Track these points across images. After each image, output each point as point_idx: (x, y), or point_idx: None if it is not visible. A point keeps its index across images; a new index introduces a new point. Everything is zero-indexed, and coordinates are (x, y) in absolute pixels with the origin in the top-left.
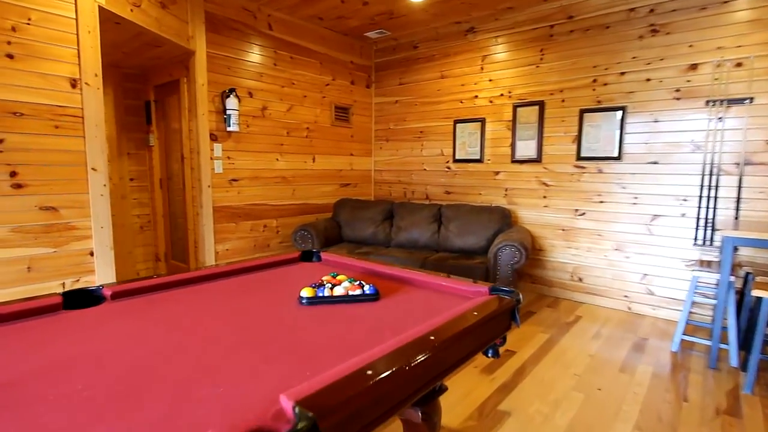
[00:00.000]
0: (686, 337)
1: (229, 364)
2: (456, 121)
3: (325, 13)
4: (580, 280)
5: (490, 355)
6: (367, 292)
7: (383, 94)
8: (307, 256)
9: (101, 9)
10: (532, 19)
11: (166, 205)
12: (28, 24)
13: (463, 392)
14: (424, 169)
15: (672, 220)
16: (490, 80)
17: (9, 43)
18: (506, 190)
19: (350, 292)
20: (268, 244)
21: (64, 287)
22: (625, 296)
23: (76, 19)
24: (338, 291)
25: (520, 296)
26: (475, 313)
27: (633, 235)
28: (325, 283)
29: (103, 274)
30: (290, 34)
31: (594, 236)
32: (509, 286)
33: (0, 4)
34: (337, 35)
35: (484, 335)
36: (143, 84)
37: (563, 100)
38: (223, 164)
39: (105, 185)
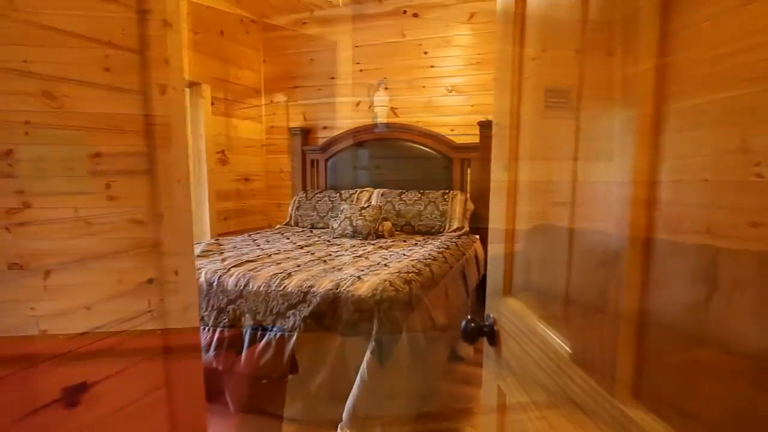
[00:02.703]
0: None
1: None
2: None
3: None
4: None
5: None
6: None
7: None
8: None
9: (191, 2)
10: None
11: None
12: (123, 35)
13: None
14: None
15: None
16: None
17: (107, 56)
18: None
19: None
20: None
21: (149, 304)
22: None
23: (164, 20)
24: None
25: None
26: None
27: None
28: None
29: (185, 293)
30: None
31: None
32: None
33: (100, 19)
34: None
35: None
36: None
37: None
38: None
39: (187, 198)
